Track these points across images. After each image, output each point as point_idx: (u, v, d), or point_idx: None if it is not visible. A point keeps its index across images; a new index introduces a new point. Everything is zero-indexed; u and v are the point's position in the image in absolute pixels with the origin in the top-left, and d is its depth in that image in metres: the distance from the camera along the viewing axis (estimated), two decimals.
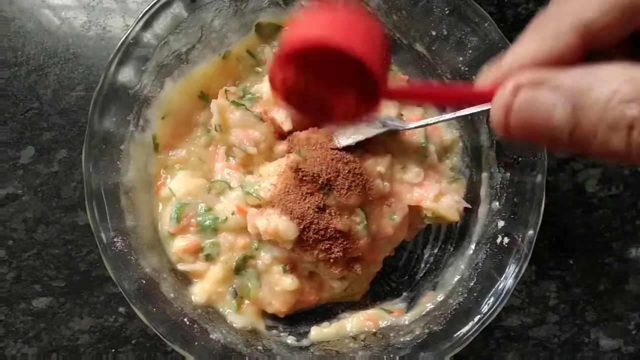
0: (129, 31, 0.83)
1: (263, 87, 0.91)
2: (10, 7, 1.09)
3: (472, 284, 0.86)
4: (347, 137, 0.87)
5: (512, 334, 1.06)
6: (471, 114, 0.89)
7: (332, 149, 0.84)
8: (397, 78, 0.99)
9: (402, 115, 0.94)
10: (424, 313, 0.89)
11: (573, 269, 1.08)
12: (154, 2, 0.84)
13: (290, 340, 0.89)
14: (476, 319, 0.80)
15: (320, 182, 0.82)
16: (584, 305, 1.07)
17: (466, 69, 0.89)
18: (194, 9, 0.88)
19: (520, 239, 0.83)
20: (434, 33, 0.89)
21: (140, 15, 0.83)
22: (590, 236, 1.08)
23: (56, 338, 1.03)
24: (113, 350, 1.03)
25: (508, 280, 0.82)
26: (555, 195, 1.08)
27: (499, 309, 0.81)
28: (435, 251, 0.99)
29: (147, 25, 0.84)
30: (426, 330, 0.84)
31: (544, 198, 0.83)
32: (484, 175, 0.92)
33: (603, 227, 1.08)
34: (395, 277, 1.00)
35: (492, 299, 0.81)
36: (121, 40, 0.83)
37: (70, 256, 1.04)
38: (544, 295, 1.07)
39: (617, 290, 1.08)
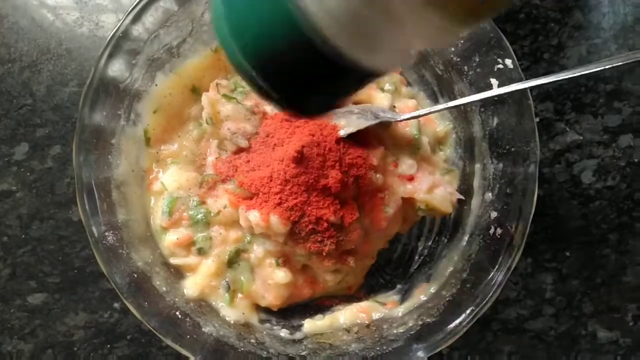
0: (118, 25, 0.83)
1: None
2: (3, 4, 1.09)
3: (465, 276, 0.85)
4: (340, 129, 0.86)
5: (509, 326, 1.05)
6: (464, 105, 0.89)
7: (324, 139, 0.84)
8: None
9: (394, 107, 0.94)
10: (417, 305, 0.88)
11: (569, 260, 1.07)
12: None
13: (284, 333, 0.89)
14: (469, 311, 0.80)
15: (312, 174, 0.82)
16: (581, 297, 1.07)
17: (458, 59, 0.89)
18: (184, 2, 0.87)
19: (512, 230, 0.82)
20: None
21: (130, 8, 0.83)
22: (586, 228, 1.07)
23: (52, 334, 1.03)
24: (108, 345, 1.03)
25: (501, 271, 0.81)
26: (550, 187, 1.08)
27: (492, 300, 0.80)
28: (430, 243, 0.99)
29: (137, 18, 0.84)
30: (419, 322, 0.84)
31: (536, 188, 0.82)
32: (477, 166, 0.92)
33: (600, 218, 1.07)
34: (390, 269, 1.00)
35: (485, 290, 0.81)
36: (111, 34, 0.83)
37: (64, 252, 1.04)
38: (540, 287, 1.06)
39: (614, 282, 1.07)
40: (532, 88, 0.82)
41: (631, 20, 1.10)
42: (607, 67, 0.75)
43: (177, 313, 0.82)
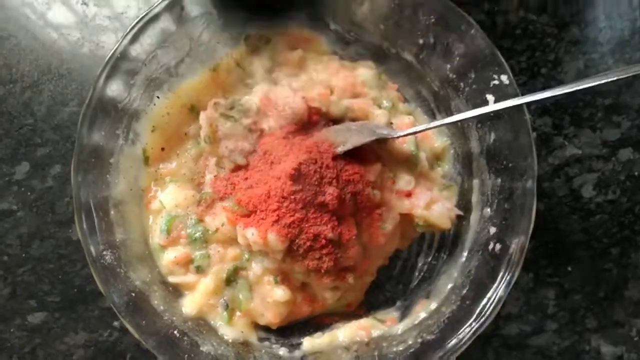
0: (116, 45, 0.83)
1: (252, 99, 0.91)
2: (6, 25, 1.10)
3: (464, 292, 0.85)
4: (337, 146, 0.87)
5: (511, 342, 1.04)
6: (461, 121, 0.89)
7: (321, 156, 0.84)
8: (388, 87, 0.99)
9: (391, 123, 0.94)
10: (416, 322, 0.88)
11: (571, 275, 1.06)
12: (142, 16, 0.85)
13: (282, 351, 0.88)
14: (469, 327, 0.79)
15: (310, 191, 0.82)
16: (584, 312, 1.06)
17: (454, 76, 0.89)
18: (182, 23, 0.88)
19: (511, 246, 0.82)
20: (421, 41, 0.90)
21: (128, 29, 0.84)
22: (588, 242, 1.07)
23: (51, 353, 1.03)
24: None
25: (500, 287, 0.81)
26: (551, 202, 1.08)
27: (492, 317, 0.79)
28: (429, 259, 0.98)
29: (135, 39, 0.85)
30: (419, 340, 0.83)
31: (534, 203, 0.82)
32: (475, 182, 0.92)
33: (601, 232, 1.07)
34: (390, 286, 0.99)
35: (484, 307, 0.80)
36: (109, 55, 0.84)
37: (64, 271, 1.04)
38: (542, 302, 1.06)
39: (617, 297, 1.06)
40: (529, 103, 0.82)
41: (628, 35, 1.10)
42: (602, 82, 0.75)
43: (175, 332, 0.82)
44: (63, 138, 1.07)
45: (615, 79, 0.76)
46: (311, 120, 0.92)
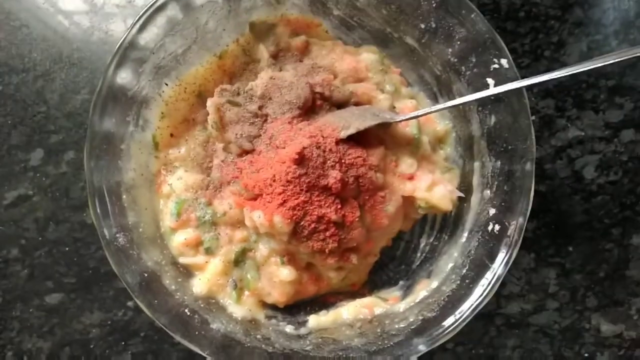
0: (125, 35, 0.86)
1: (258, 85, 0.93)
2: (18, 14, 1.13)
3: (464, 271, 0.87)
4: (340, 130, 0.89)
5: (512, 321, 1.07)
6: (462, 104, 0.90)
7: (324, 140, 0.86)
8: (391, 71, 1.01)
9: (394, 107, 0.96)
10: (418, 300, 0.91)
11: (573, 255, 1.08)
12: (149, 5, 0.87)
13: (289, 329, 0.91)
14: (467, 306, 0.82)
15: (313, 175, 0.84)
16: (585, 291, 1.08)
17: (455, 60, 0.90)
18: (188, 11, 0.90)
19: (510, 226, 0.84)
20: (423, 26, 0.91)
21: (136, 18, 0.86)
22: (589, 223, 1.09)
23: (68, 332, 1.07)
24: (123, 342, 1.07)
25: (499, 267, 0.83)
26: (553, 183, 1.09)
27: (490, 296, 0.82)
28: (431, 240, 1.01)
29: (143, 28, 0.87)
30: (420, 317, 0.86)
31: (533, 185, 0.84)
32: (476, 164, 0.93)
33: (602, 213, 1.09)
34: (393, 266, 1.02)
35: (483, 286, 0.83)
36: (118, 44, 0.86)
37: (79, 253, 1.08)
38: (544, 282, 1.08)
39: (618, 276, 1.08)
40: (532, 85, 0.83)
41: (633, 15, 1.11)
42: (596, 65, 0.77)
43: (186, 310, 0.85)
44: (76, 125, 1.10)
45: (614, 60, 0.76)
46: (315, 105, 0.94)
